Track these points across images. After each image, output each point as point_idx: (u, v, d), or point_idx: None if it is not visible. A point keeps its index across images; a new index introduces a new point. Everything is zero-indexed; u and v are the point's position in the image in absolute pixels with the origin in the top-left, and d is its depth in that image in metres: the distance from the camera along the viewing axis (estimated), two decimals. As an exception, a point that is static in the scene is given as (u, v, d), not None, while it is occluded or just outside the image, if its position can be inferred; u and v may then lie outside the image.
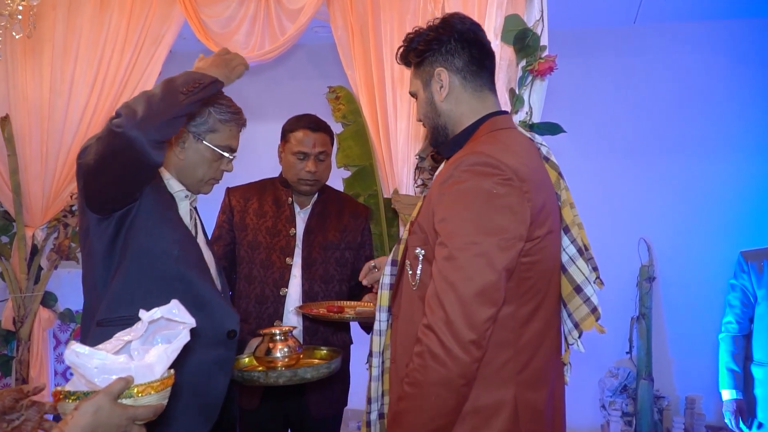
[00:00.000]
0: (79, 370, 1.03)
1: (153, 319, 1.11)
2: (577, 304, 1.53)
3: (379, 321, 1.67)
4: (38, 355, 3.26)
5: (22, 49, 3.00)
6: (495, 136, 1.48)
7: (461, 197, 1.36)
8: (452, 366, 1.28)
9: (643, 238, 3.92)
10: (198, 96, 1.52)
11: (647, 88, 4.10)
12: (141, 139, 1.44)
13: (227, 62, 1.62)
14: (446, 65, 1.54)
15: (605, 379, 3.89)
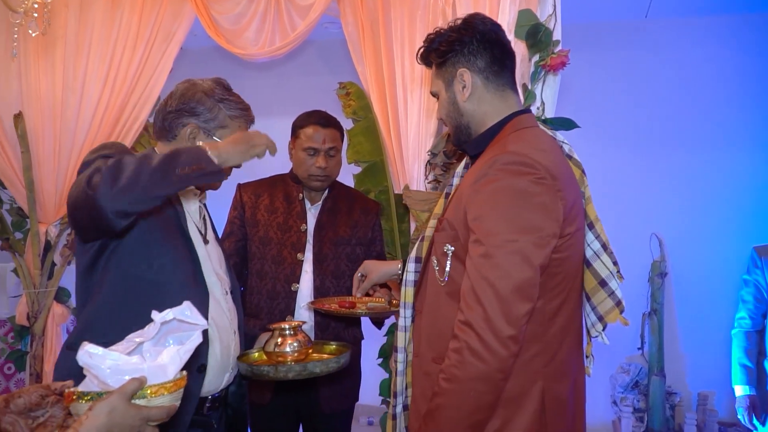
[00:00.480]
0: (92, 370, 1.03)
1: (165, 321, 1.12)
2: (602, 297, 1.58)
3: (404, 317, 1.70)
4: (52, 350, 3.28)
5: (34, 46, 3.02)
6: (522, 134, 1.51)
7: (496, 196, 1.39)
8: (491, 361, 1.31)
9: (654, 233, 3.90)
10: (193, 181, 1.47)
11: (659, 82, 4.07)
12: (107, 209, 1.41)
13: (249, 140, 1.56)
14: (468, 66, 1.56)
15: (616, 375, 3.88)
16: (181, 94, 1.74)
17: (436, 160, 2.36)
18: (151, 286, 1.61)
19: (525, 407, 1.41)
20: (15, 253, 3.24)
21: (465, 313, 1.35)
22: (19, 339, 3.44)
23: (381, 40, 2.71)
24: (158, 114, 1.77)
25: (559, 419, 1.45)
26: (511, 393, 1.39)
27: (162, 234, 1.66)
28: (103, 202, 1.40)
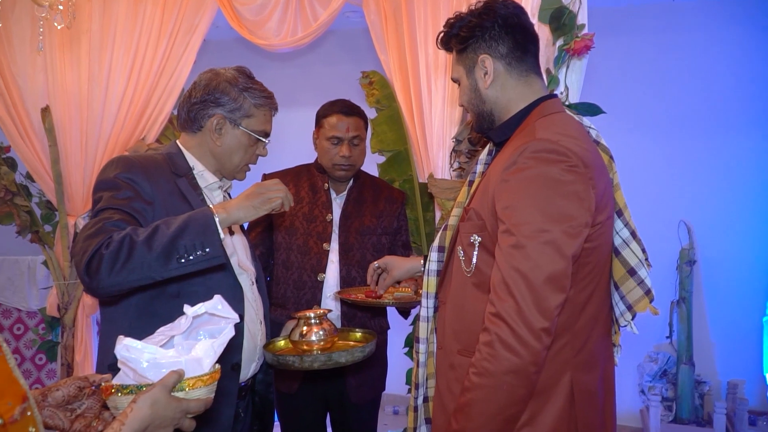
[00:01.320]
0: (130, 364, 1.05)
1: (197, 314, 1.13)
2: (631, 286, 1.54)
3: (426, 307, 1.68)
4: (82, 340, 3.33)
5: (60, 41, 3.05)
6: (550, 120, 1.47)
7: (527, 185, 1.35)
8: (525, 354, 1.28)
9: (683, 220, 3.84)
10: (192, 268, 1.46)
11: (687, 65, 3.99)
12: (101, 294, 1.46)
13: (263, 193, 1.57)
14: (490, 51, 1.52)
15: (644, 363, 3.84)
16: (206, 85, 1.74)
17: (460, 148, 2.34)
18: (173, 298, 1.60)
19: (554, 399, 1.39)
20: (45, 246, 3.29)
21: (496, 305, 1.32)
22: (49, 330, 3.50)
23: (404, 27, 2.69)
24: (183, 106, 1.78)
25: (589, 410, 1.43)
26: (539, 385, 1.37)
27: None
28: (99, 291, 1.45)
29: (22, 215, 3.25)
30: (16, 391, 0.81)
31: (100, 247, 1.43)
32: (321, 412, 2.42)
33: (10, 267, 4.31)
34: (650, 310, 1.58)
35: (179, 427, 1.07)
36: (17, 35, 3.09)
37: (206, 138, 1.75)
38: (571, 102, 2.12)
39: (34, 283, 4.29)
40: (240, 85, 1.75)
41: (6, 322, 4.38)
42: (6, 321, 4.38)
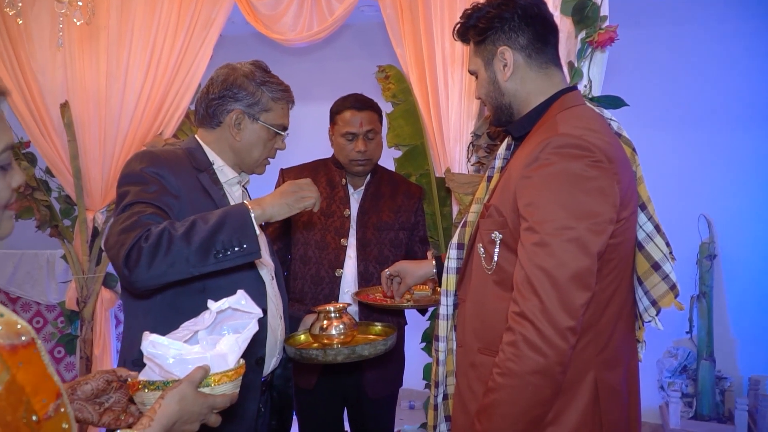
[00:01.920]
0: (156, 360, 1.05)
1: (221, 310, 1.13)
2: (656, 281, 1.52)
3: (446, 305, 1.66)
4: (101, 334, 3.36)
5: (79, 36, 3.06)
6: (571, 114, 1.44)
7: (550, 181, 1.32)
8: (551, 354, 1.26)
9: (703, 214, 3.79)
10: (229, 263, 1.48)
11: (710, 57, 3.93)
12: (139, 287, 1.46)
13: (297, 192, 1.59)
14: (510, 43, 1.49)
15: (664, 359, 3.80)
16: (223, 80, 1.74)
17: (479, 142, 2.32)
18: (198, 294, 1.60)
19: (578, 398, 1.37)
20: (64, 240, 3.32)
21: (520, 304, 1.29)
22: (69, 323, 3.53)
23: (420, 20, 2.67)
24: (200, 101, 1.77)
25: (614, 408, 1.41)
26: (563, 384, 1.35)
27: None
28: (138, 284, 1.45)
29: (41, 210, 3.28)
30: (51, 387, 0.82)
31: (139, 240, 1.44)
32: (338, 407, 2.42)
33: (29, 261, 4.35)
34: (675, 306, 1.56)
35: (205, 423, 1.08)
36: (37, 32, 3.10)
37: (225, 133, 1.75)
38: (594, 95, 2.09)
39: (53, 276, 4.34)
40: (257, 80, 1.74)
41: (25, 316, 4.43)
42: (25, 314, 4.43)
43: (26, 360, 0.79)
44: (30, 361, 0.79)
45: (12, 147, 0.97)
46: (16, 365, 0.77)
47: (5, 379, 0.76)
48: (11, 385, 0.76)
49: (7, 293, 4.41)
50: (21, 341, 0.79)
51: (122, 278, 1.48)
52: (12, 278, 4.36)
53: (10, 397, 0.76)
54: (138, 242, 1.44)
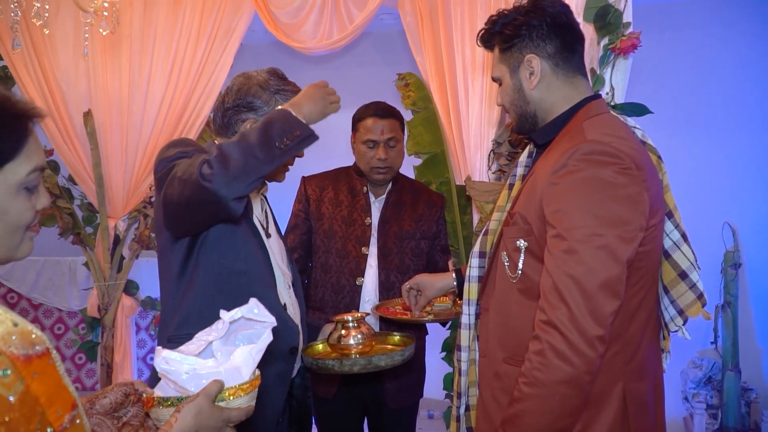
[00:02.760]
0: (170, 376, 1.04)
1: (234, 319, 1.12)
2: (682, 290, 1.50)
3: (468, 315, 1.64)
4: (122, 341, 3.38)
5: (102, 46, 3.10)
6: (597, 121, 1.42)
7: (578, 187, 1.30)
8: (579, 363, 1.24)
9: (727, 222, 3.73)
10: (293, 151, 1.49)
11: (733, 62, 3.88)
12: (227, 197, 1.44)
13: (324, 96, 1.57)
14: (537, 51, 1.47)
15: (688, 370, 3.74)
16: (238, 90, 1.74)
17: (500, 150, 2.31)
18: (241, 275, 1.65)
19: (606, 409, 1.34)
20: (86, 247, 3.35)
21: (547, 313, 1.27)
22: (90, 330, 3.56)
23: (440, 28, 2.67)
24: (217, 111, 1.78)
25: (642, 420, 1.39)
26: (591, 394, 1.32)
27: (239, 225, 1.69)
28: (223, 191, 1.42)
29: (64, 217, 3.32)
30: (66, 398, 0.81)
31: (205, 160, 1.44)
32: (358, 417, 2.40)
33: (52, 268, 4.41)
34: (703, 315, 1.54)
35: None
36: (61, 41, 3.15)
37: None
38: (617, 102, 2.06)
39: (75, 283, 4.38)
40: (271, 88, 1.74)
41: (47, 322, 4.48)
42: (47, 321, 4.48)
43: (41, 370, 0.78)
44: (44, 371, 0.79)
45: (42, 169, 0.98)
46: (30, 375, 0.77)
47: (19, 390, 0.75)
48: (25, 395, 0.76)
49: (30, 299, 4.46)
50: (36, 351, 0.79)
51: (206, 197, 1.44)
52: (35, 285, 4.41)
53: (23, 407, 0.75)
54: (206, 161, 1.44)
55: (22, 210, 0.95)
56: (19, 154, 0.93)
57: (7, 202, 0.93)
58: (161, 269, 1.72)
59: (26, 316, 4.44)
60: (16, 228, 0.95)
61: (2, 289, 4.45)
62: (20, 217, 0.95)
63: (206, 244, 1.64)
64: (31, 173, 0.95)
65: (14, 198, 0.94)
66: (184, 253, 1.65)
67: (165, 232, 1.65)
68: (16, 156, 0.93)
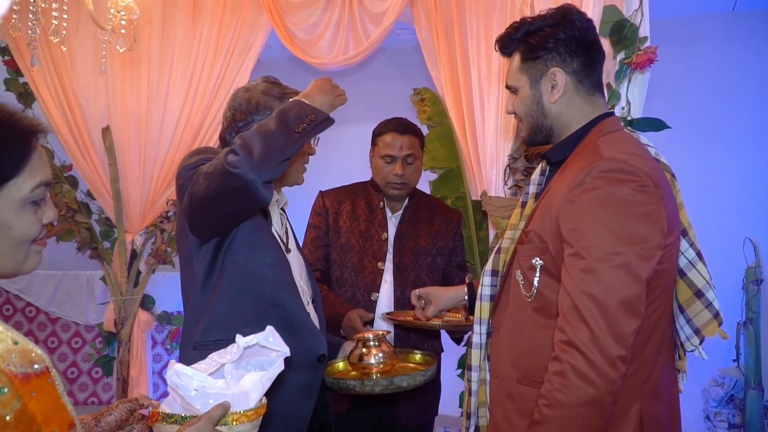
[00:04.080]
0: (179, 391, 1.04)
1: (249, 345, 1.12)
2: (698, 309, 1.47)
3: (479, 334, 1.61)
4: (138, 355, 3.39)
5: (121, 62, 3.14)
6: (612, 139, 1.41)
7: (596, 205, 1.29)
8: (601, 384, 1.22)
9: (748, 237, 3.67)
10: (311, 134, 1.51)
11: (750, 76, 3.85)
12: (257, 182, 1.45)
13: (332, 89, 1.60)
14: (563, 66, 1.44)
15: (709, 388, 3.67)
16: (246, 104, 1.74)
17: (516, 165, 2.29)
18: (266, 281, 1.65)
19: (623, 430, 1.32)
20: (103, 262, 3.37)
21: (567, 333, 1.25)
22: (106, 345, 3.58)
23: (456, 43, 2.67)
24: (230, 131, 1.77)
25: None
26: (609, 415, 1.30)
27: (264, 231, 1.70)
28: (252, 175, 1.43)
29: (82, 232, 3.34)
30: (64, 417, 0.81)
31: (230, 150, 1.46)
32: (373, 433, 2.38)
33: (70, 281, 4.44)
34: (719, 334, 1.51)
35: None
36: (80, 58, 3.19)
37: None
38: (634, 117, 2.04)
39: (93, 297, 4.41)
40: (275, 94, 1.75)
41: (65, 336, 4.51)
42: (65, 334, 4.51)
43: (39, 389, 0.79)
44: (43, 390, 0.79)
45: (48, 184, 0.99)
46: (28, 394, 0.77)
47: (16, 408, 0.75)
48: (21, 413, 0.76)
49: (48, 313, 4.50)
50: (34, 370, 0.79)
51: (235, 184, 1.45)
52: (53, 298, 4.45)
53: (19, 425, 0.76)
54: (230, 150, 1.46)
55: (28, 225, 0.96)
56: (23, 171, 0.94)
57: (11, 218, 0.94)
58: (184, 279, 1.72)
59: (44, 329, 4.48)
60: (21, 242, 0.97)
61: (21, 302, 4.49)
62: (26, 232, 0.96)
63: (232, 249, 1.65)
64: (36, 188, 0.96)
65: (19, 213, 0.95)
66: (210, 258, 1.65)
67: (189, 239, 1.65)
68: (20, 172, 0.94)
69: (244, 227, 1.65)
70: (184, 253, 1.70)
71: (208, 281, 1.66)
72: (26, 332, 4.46)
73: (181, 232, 1.69)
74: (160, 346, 4.41)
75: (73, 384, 4.49)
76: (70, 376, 4.47)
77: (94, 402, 4.48)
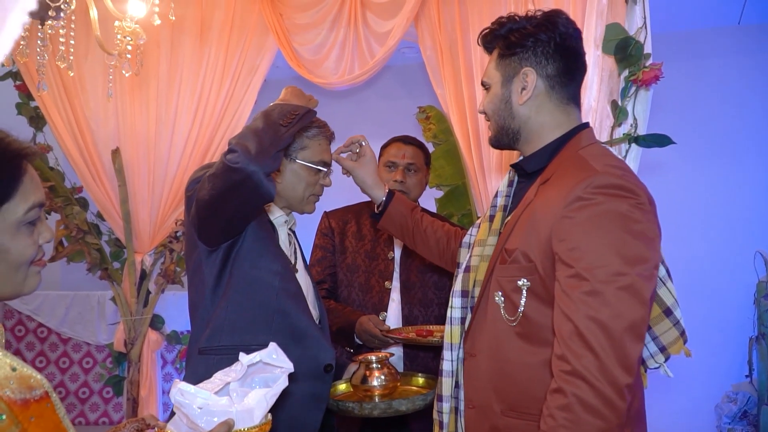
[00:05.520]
0: (183, 409, 1.05)
1: (252, 363, 1.12)
2: (666, 327, 1.46)
3: (450, 360, 1.49)
4: (147, 375, 3.40)
5: (130, 85, 3.18)
6: (593, 151, 1.36)
7: (596, 223, 1.22)
8: (611, 416, 1.14)
9: (759, 251, 3.65)
10: (296, 127, 1.56)
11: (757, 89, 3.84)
12: (259, 172, 1.48)
13: (302, 94, 1.68)
14: (537, 68, 1.39)
15: (723, 404, 3.63)
16: None
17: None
18: (271, 288, 1.67)
19: None
20: (113, 282, 3.39)
21: (571, 362, 1.16)
22: (116, 365, 3.58)
23: (460, 61, 2.69)
24: None
25: None
26: None
27: (270, 240, 1.73)
28: (253, 166, 1.47)
29: (92, 253, 3.37)
30: None
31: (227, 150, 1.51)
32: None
33: (81, 302, 4.47)
34: (684, 352, 1.50)
35: None
36: (90, 82, 3.23)
37: None
38: (640, 134, 2.04)
39: (103, 318, 4.43)
40: None
41: (76, 356, 4.52)
42: (76, 355, 4.52)
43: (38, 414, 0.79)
44: (42, 415, 0.80)
45: (41, 205, 0.99)
46: (27, 420, 0.78)
47: None
48: None
49: (59, 334, 4.52)
50: (33, 395, 0.80)
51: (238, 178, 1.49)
52: (64, 319, 4.47)
53: None
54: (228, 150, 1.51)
55: (24, 247, 0.97)
56: (16, 194, 0.95)
57: (7, 241, 0.95)
58: (192, 290, 1.74)
59: (56, 350, 4.49)
60: (19, 265, 0.97)
61: (33, 323, 4.52)
62: (22, 254, 0.97)
63: (240, 255, 1.67)
64: (29, 210, 0.97)
65: (14, 236, 0.96)
66: (219, 265, 1.67)
67: (199, 248, 1.67)
68: (12, 196, 0.95)
69: (250, 236, 1.68)
70: (192, 266, 1.72)
71: (218, 288, 1.68)
72: (38, 353, 4.48)
73: (189, 244, 1.71)
74: (170, 366, 4.41)
75: (84, 404, 4.49)
76: (81, 396, 4.48)
77: (105, 422, 4.48)
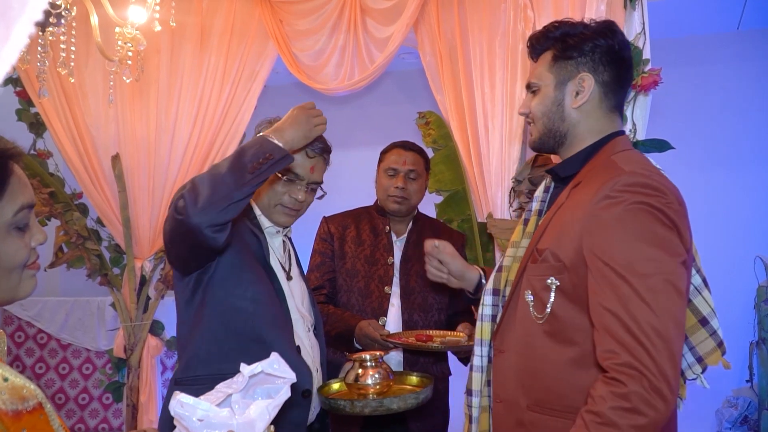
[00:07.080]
0: (183, 422, 1.04)
1: (253, 374, 1.11)
2: (702, 337, 1.45)
3: (480, 356, 1.53)
4: (147, 381, 3.39)
5: (130, 91, 3.19)
6: (627, 156, 1.37)
7: (627, 218, 1.23)
8: (663, 409, 1.15)
9: (759, 256, 3.65)
10: (265, 174, 1.49)
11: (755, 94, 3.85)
12: (201, 226, 1.44)
13: (309, 119, 1.58)
14: (594, 74, 1.40)
15: (723, 409, 3.62)
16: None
17: (521, 187, 2.29)
18: (247, 316, 1.63)
19: None
20: (113, 288, 3.39)
21: (624, 355, 1.17)
22: (116, 371, 3.57)
23: (460, 67, 2.70)
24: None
25: None
26: None
27: (249, 263, 1.69)
28: (195, 220, 1.44)
29: (92, 258, 3.37)
30: None
31: (180, 195, 1.48)
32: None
33: (81, 308, 4.46)
34: (722, 364, 1.47)
35: None
36: (91, 89, 3.24)
37: None
38: (639, 139, 2.05)
39: (103, 323, 4.43)
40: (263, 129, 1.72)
41: (76, 362, 4.52)
42: (76, 361, 4.52)
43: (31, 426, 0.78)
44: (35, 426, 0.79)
45: (31, 206, 0.96)
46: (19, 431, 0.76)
47: None
48: None
49: (59, 339, 4.51)
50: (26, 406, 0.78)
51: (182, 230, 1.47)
52: (64, 325, 4.46)
53: None
54: (180, 195, 1.48)
55: (14, 250, 0.93)
56: (2, 196, 0.91)
57: None
58: (177, 306, 1.74)
59: (55, 356, 4.49)
60: (11, 269, 0.94)
61: (32, 329, 4.51)
62: (13, 258, 0.93)
63: (212, 283, 1.64)
64: (18, 213, 0.93)
65: (4, 240, 0.92)
66: (190, 291, 1.65)
67: (174, 271, 1.69)
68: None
69: (224, 262, 1.64)
70: (173, 284, 1.73)
71: (186, 314, 1.66)
72: (38, 359, 4.47)
73: None
74: (170, 372, 4.41)
75: (84, 410, 4.48)
76: (81, 402, 4.47)
77: (105, 429, 4.47)
